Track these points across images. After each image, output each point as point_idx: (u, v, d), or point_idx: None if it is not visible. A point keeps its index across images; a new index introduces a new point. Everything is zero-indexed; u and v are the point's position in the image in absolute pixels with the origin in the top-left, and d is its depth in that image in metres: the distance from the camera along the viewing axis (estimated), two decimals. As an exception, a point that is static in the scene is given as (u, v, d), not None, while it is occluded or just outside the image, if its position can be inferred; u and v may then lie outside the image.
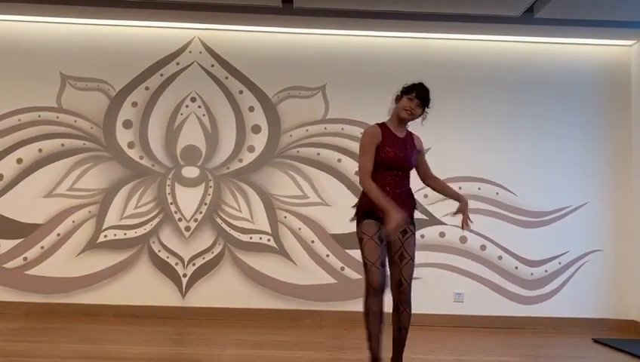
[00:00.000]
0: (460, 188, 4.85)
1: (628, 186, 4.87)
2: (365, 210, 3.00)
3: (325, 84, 4.86)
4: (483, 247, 4.82)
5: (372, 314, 2.86)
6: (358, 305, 4.55)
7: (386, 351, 2.96)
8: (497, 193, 4.87)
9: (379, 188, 2.95)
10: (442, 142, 4.84)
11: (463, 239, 4.82)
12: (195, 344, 3.89)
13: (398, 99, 3.10)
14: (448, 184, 3.33)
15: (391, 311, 2.99)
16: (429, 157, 4.73)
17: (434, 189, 3.30)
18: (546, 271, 4.83)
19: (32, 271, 4.64)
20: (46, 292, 4.63)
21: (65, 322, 4.31)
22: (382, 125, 3.10)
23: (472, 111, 4.89)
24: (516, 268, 4.82)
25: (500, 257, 4.82)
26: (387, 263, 2.96)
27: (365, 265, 2.87)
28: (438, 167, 4.76)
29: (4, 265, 4.63)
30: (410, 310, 3.00)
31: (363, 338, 3.83)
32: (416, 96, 3.02)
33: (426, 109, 3.10)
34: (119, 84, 4.80)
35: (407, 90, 3.06)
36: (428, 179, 3.28)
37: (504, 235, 4.82)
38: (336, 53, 4.87)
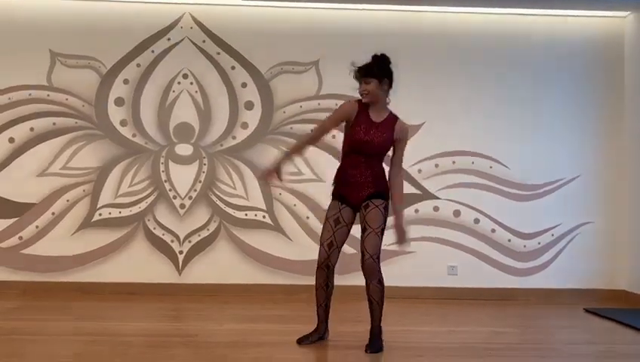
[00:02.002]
0: (453, 162, 4.88)
1: (620, 159, 4.90)
2: (334, 189, 3.19)
3: (318, 60, 4.83)
4: (476, 221, 4.86)
5: (317, 285, 3.19)
6: (352, 280, 4.60)
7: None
8: (491, 167, 4.89)
9: (347, 168, 3.10)
10: (436, 117, 4.83)
11: (457, 213, 4.86)
12: (192, 319, 3.94)
13: None
14: (398, 194, 3.17)
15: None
16: (424, 132, 4.72)
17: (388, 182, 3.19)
18: (538, 243, 4.88)
19: (28, 250, 4.65)
20: (42, 270, 4.65)
21: (62, 300, 4.34)
22: (363, 104, 3.09)
23: (466, 86, 4.88)
24: (509, 240, 4.87)
25: (493, 230, 4.87)
26: (340, 244, 3.15)
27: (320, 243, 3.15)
28: (432, 142, 4.83)
29: (-1, 245, 4.64)
30: (377, 282, 3.06)
31: (358, 311, 3.89)
32: (358, 77, 3.05)
33: (385, 79, 3.04)
34: (110, 61, 4.75)
35: (355, 77, 3.08)
36: (391, 169, 3.18)
37: (497, 209, 4.86)
38: (329, 28, 4.83)
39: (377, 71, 3.04)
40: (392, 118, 3.12)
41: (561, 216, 4.88)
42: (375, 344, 3.09)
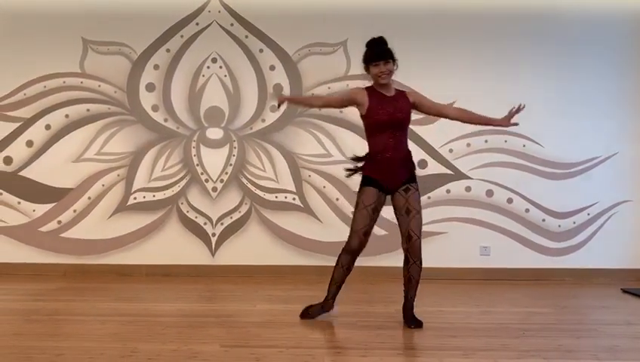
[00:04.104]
0: (486, 141, 4.80)
1: (660, 135, 4.75)
2: (367, 176, 3.21)
3: (346, 40, 4.78)
4: (510, 200, 4.79)
5: (341, 266, 3.28)
6: (383, 261, 4.62)
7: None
8: (524, 145, 4.79)
9: (379, 151, 3.16)
10: (467, 96, 4.73)
11: (489, 193, 4.79)
12: (226, 300, 4.01)
13: (367, 70, 3.21)
14: (473, 116, 3.38)
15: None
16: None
17: (462, 120, 3.36)
18: (574, 222, 4.78)
19: (67, 234, 4.79)
20: (81, 253, 4.78)
21: (100, 282, 4.47)
22: (368, 88, 3.22)
23: (498, 62, 4.76)
24: (543, 220, 4.79)
25: (527, 210, 4.79)
26: (370, 231, 3.24)
27: (351, 230, 3.22)
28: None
29: (39, 229, 4.78)
30: (420, 263, 3.20)
31: (390, 291, 3.89)
32: (378, 59, 3.14)
33: (395, 59, 3.17)
34: (140, 47, 4.80)
35: (368, 59, 3.17)
36: (450, 112, 3.33)
37: (531, 188, 4.77)
38: (357, 7, 4.77)
39: (389, 53, 3.17)
40: (400, 91, 3.27)
41: (597, 194, 4.76)
42: (415, 319, 3.21)
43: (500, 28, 4.76)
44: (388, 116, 3.14)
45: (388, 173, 3.17)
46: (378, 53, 3.14)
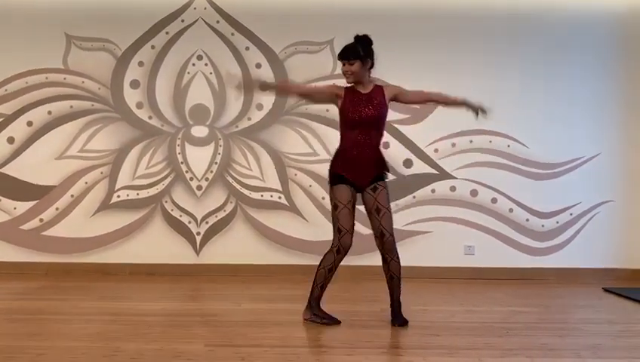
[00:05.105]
0: (471, 141, 4.83)
1: (641, 136, 4.82)
2: (337, 173, 3.21)
3: (333, 38, 4.78)
4: (494, 200, 4.82)
5: (329, 267, 3.22)
6: (367, 260, 4.62)
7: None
8: (509, 145, 4.83)
9: (348, 148, 3.20)
10: (452, 95, 4.76)
11: (474, 193, 4.82)
12: (211, 299, 3.99)
13: None
14: (440, 98, 3.45)
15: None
16: (440, 112, 4.73)
17: (439, 103, 3.51)
18: (557, 222, 4.83)
19: (49, 232, 4.72)
20: (63, 252, 4.72)
21: (83, 280, 4.42)
22: (349, 86, 3.25)
23: (483, 63, 4.79)
24: (527, 220, 4.83)
25: (511, 210, 4.83)
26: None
27: (339, 230, 3.18)
28: (449, 121, 4.76)
29: (21, 227, 4.71)
30: (397, 259, 3.23)
31: (375, 290, 3.90)
32: (341, 58, 3.18)
33: (368, 60, 3.20)
34: (124, 44, 4.75)
35: (338, 58, 3.23)
36: (426, 98, 3.41)
37: (515, 188, 4.81)
38: (343, 6, 4.76)
39: (361, 52, 3.17)
40: (378, 87, 3.28)
41: (580, 194, 4.82)
42: (401, 317, 3.22)
43: (485, 28, 4.79)
44: (358, 114, 3.17)
45: (356, 171, 3.18)
46: (341, 52, 3.20)
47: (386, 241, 3.19)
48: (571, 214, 4.83)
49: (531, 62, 4.81)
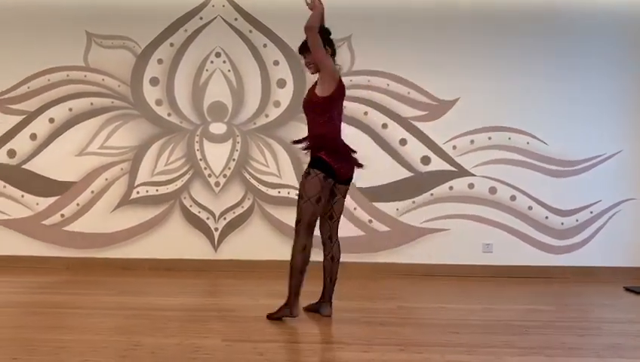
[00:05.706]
0: (489, 138, 4.79)
1: (665, 133, 4.73)
2: (330, 165, 3.31)
3: (351, 35, 4.77)
4: (513, 198, 4.78)
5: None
6: (384, 257, 4.62)
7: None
8: (528, 143, 4.78)
9: (337, 140, 3.42)
10: (471, 93, 4.73)
11: (493, 190, 4.78)
12: (229, 295, 4.02)
13: None
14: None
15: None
16: (459, 108, 4.76)
17: (313, 31, 3.41)
18: (577, 220, 4.77)
19: (70, 227, 4.79)
20: (84, 247, 4.79)
21: (103, 275, 4.48)
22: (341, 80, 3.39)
23: (502, 60, 4.75)
24: (546, 218, 4.78)
25: (530, 207, 4.78)
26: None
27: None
28: (467, 118, 4.74)
29: (42, 222, 4.79)
30: (338, 243, 3.57)
31: (390, 288, 3.90)
32: (299, 53, 3.41)
33: (306, 55, 3.33)
34: (144, 41, 4.79)
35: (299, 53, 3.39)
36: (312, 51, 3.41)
37: (535, 185, 4.76)
38: (361, 3, 4.75)
39: (301, 50, 3.35)
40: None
41: (601, 192, 4.75)
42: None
43: (502, 27, 4.74)
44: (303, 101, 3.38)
45: (347, 161, 3.38)
46: (299, 48, 3.37)
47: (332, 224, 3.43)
48: (591, 212, 4.77)
49: (549, 60, 4.74)
